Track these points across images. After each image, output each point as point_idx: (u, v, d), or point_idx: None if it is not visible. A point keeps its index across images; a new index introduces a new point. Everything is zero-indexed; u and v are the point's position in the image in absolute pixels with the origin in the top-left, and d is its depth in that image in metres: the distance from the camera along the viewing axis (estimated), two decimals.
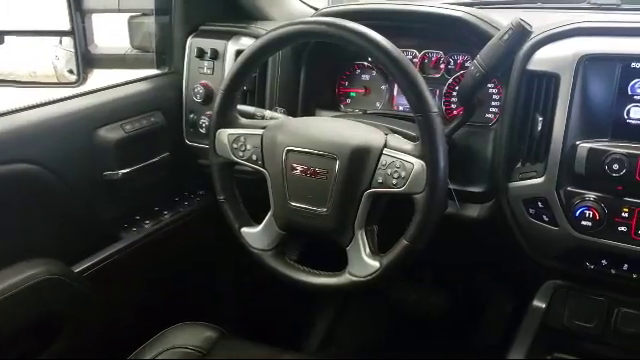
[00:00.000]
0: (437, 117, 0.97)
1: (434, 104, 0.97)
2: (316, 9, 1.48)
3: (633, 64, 1.02)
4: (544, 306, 1.21)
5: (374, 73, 1.40)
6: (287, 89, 1.37)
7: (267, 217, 1.14)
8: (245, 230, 1.16)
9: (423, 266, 1.71)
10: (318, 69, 1.40)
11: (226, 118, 1.14)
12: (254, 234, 1.15)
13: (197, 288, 1.58)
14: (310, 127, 1.12)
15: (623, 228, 1.03)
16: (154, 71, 1.52)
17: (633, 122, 1.03)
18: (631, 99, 1.03)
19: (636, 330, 1.13)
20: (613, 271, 1.08)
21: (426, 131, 0.98)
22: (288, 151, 1.08)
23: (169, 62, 1.51)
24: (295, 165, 1.08)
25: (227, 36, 1.42)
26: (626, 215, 1.02)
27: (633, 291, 1.12)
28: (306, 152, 1.07)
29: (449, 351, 1.66)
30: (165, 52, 1.51)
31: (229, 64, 1.40)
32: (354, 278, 1.06)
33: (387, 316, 1.85)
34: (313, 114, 1.39)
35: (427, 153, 0.98)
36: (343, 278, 1.08)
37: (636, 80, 1.02)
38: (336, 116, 1.33)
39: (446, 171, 0.98)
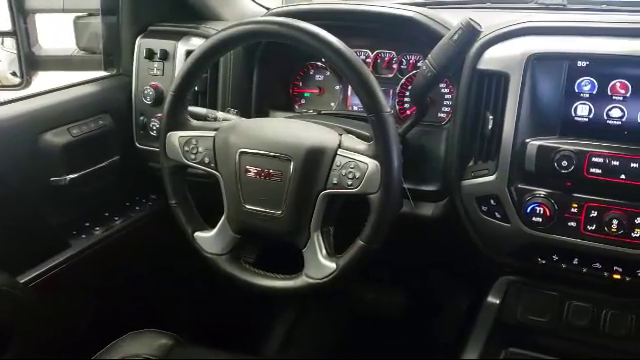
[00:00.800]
0: (390, 117, 0.97)
1: (387, 104, 0.97)
2: (268, 9, 1.46)
3: (579, 62, 1.05)
4: (498, 302, 1.23)
5: (328, 73, 1.40)
6: (239, 90, 1.35)
7: (221, 221, 1.12)
8: (198, 234, 1.14)
9: (380, 266, 1.72)
10: (271, 69, 1.38)
11: (177, 120, 1.12)
12: (208, 238, 1.13)
13: (151, 295, 1.54)
14: (264, 128, 1.10)
15: (573, 223, 1.05)
16: (102, 73, 1.48)
17: (580, 119, 1.05)
18: (578, 97, 1.05)
19: (586, 323, 1.16)
20: (564, 265, 1.11)
21: (379, 131, 0.98)
22: (241, 153, 1.06)
23: (117, 63, 1.48)
24: (249, 167, 1.06)
25: (177, 36, 1.40)
26: (575, 211, 1.04)
27: (583, 285, 1.15)
28: (260, 154, 1.05)
29: (408, 350, 1.67)
30: (113, 53, 1.47)
31: (179, 65, 1.37)
32: (311, 280, 1.05)
33: (346, 316, 1.85)
34: (267, 115, 1.38)
35: (381, 153, 0.98)
36: (300, 280, 1.07)
37: (582, 78, 1.05)
38: (290, 117, 1.32)
39: (400, 171, 0.99)
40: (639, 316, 1.13)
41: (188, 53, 1.35)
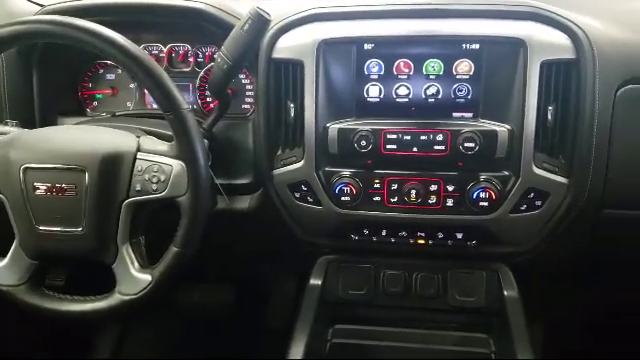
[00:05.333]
0: (189, 114, 0.94)
1: (183, 101, 0.94)
2: (43, 6, 1.32)
3: (366, 45, 1.10)
4: (320, 282, 1.27)
5: (120, 71, 1.31)
6: (18, 98, 1.22)
7: (12, 248, 1.01)
8: None
9: (205, 265, 1.68)
10: (54, 72, 1.26)
11: None
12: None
13: None
14: (50, 138, 1.00)
15: (377, 198, 1.11)
16: None
17: (372, 100, 1.11)
18: (368, 79, 1.10)
19: (400, 289, 1.23)
20: (374, 238, 1.18)
21: (179, 130, 0.94)
22: (26, 169, 0.96)
23: None
24: (37, 184, 0.96)
25: None
26: (378, 186, 1.11)
27: (394, 254, 1.23)
28: (48, 168, 0.96)
29: (242, 343, 1.66)
30: None
31: None
32: (125, 297, 0.99)
33: (176, 322, 1.78)
34: (55, 123, 1.26)
35: (185, 152, 0.95)
36: (113, 299, 1.00)
37: (370, 60, 1.10)
38: (81, 122, 1.21)
39: (207, 168, 0.97)
40: (444, 276, 1.23)
41: None
